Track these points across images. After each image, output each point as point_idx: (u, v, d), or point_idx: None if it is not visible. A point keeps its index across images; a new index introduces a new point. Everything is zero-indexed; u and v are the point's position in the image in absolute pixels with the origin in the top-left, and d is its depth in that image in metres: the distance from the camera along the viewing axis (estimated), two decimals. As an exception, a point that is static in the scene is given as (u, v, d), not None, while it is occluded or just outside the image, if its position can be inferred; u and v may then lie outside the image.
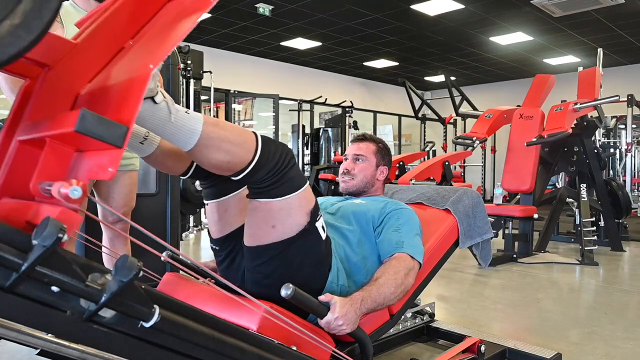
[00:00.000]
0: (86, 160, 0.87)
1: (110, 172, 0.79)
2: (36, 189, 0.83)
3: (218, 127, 1.11)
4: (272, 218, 1.24)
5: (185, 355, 0.90)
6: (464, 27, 7.55)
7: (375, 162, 1.78)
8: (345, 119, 9.12)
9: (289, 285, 1.13)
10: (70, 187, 0.73)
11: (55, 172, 0.86)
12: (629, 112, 7.27)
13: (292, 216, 1.25)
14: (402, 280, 1.41)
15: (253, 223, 1.28)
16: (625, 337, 2.36)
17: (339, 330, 1.24)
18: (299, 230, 1.27)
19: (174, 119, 1.04)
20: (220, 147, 1.10)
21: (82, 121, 0.74)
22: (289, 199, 1.23)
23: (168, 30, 0.98)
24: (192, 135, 1.06)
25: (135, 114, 0.82)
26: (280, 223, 1.25)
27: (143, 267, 0.78)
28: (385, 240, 1.52)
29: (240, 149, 1.13)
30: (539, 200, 4.89)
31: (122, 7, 1.06)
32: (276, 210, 1.23)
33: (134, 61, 0.96)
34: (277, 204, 1.22)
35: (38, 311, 0.74)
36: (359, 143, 1.81)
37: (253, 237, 1.30)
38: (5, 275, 0.70)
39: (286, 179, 1.21)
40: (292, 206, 1.24)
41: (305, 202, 1.27)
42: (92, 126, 0.75)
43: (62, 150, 0.87)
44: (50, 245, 0.68)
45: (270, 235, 1.26)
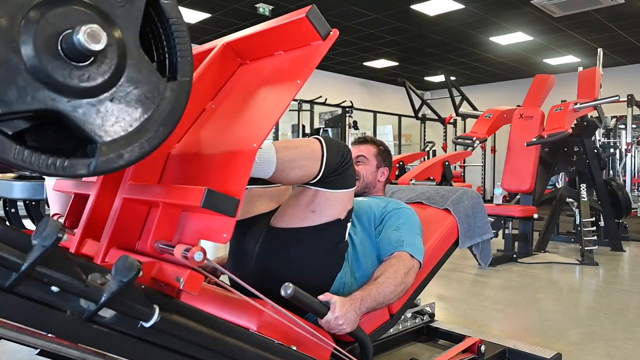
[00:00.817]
0: (194, 221, 0.98)
1: (226, 238, 0.90)
2: (152, 247, 0.96)
3: (288, 149, 1.23)
4: (316, 204, 1.33)
5: (185, 355, 0.90)
6: (464, 27, 7.54)
7: (376, 163, 1.81)
8: (345, 119, 9.11)
9: (289, 285, 1.14)
10: (196, 252, 0.85)
11: (169, 232, 0.98)
12: (629, 112, 7.27)
13: (333, 208, 1.34)
14: (402, 279, 1.41)
15: (294, 205, 1.36)
16: (625, 337, 2.36)
17: (339, 330, 1.24)
18: (332, 220, 1.35)
19: (258, 158, 1.12)
20: (295, 166, 1.23)
21: (207, 198, 0.86)
22: (338, 194, 1.34)
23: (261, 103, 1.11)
24: (270, 165, 1.17)
25: (244, 188, 0.94)
26: (321, 210, 1.33)
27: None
28: (385, 239, 1.52)
29: (310, 162, 1.25)
30: (539, 200, 4.88)
31: (203, 70, 1.19)
32: (323, 199, 1.33)
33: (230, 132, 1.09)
34: (327, 194, 1.32)
35: (38, 311, 0.74)
36: (359, 145, 1.85)
37: (289, 218, 1.36)
38: (5, 276, 0.70)
39: (344, 176, 1.32)
40: (338, 200, 1.34)
41: (348, 200, 1.38)
42: (214, 202, 0.87)
43: (173, 212, 0.99)
44: (50, 245, 0.68)
45: (307, 219, 1.34)
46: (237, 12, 6.99)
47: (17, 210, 3.64)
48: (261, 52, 1.23)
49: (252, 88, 1.17)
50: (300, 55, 1.13)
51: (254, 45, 1.23)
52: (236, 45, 1.25)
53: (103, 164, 0.73)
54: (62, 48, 0.68)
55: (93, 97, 0.72)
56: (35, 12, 0.67)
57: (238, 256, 1.46)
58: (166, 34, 0.82)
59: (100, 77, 0.72)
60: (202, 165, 1.06)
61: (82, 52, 0.68)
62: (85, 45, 0.67)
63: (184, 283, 0.86)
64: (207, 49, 1.30)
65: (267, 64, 1.21)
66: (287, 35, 1.12)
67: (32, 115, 0.69)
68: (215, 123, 1.16)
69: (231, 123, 1.12)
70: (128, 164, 0.75)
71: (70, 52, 0.68)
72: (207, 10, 6.98)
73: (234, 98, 1.20)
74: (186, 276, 0.86)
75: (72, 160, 0.71)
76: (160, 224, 0.97)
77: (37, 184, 2.48)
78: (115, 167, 0.74)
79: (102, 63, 0.72)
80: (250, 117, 1.10)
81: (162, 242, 0.95)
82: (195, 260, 0.84)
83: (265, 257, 1.37)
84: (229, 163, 0.99)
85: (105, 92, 0.73)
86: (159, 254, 0.95)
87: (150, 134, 0.77)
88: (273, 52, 1.21)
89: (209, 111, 1.21)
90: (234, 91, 1.22)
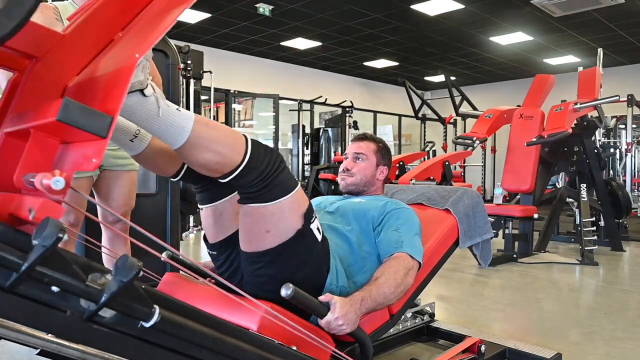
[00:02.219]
0: (71, 151, 0.85)
1: (94, 163, 0.77)
2: (20, 181, 0.82)
3: (209, 127, 1.10)
4: (266, 223, 1.22)
5: (185, 355, 0.90)
6: (464, 27, 7.55)
7: (376, 161, 1.78)
8: (345, 119, 9.13)
9: (289, 285, 1.13)
10: (53, 178, 0.72)
11: (41, 164, 0.84)
12: (629, 112, 7.27)
13: (285, 220, 1.24)
14: (401, 279, 1.40)
15: (247, 229, 1.27)
16: (625, 337, 2.36)
17: (339, 330, 1.24)
18: (293, 234, 1.25)
19: (162, 113, 1.02)
20: (210, 147, 1.09)
21: (64, 110, 0.73)
22: (280, 203, 1.21)
23: (156, 21, 0.97)
24: (182, 133, 1.05)
25: (120, 104, 0.80)
26: (274, 228, 1.23)
27: (143, 267, 0.78)
28: (385, 240, 1.52)
29: (229, 151, 1.12)
30: (539, 200, 4.88)
31: None
32: (269, 215, 1.21)
33: (121, 52, 0.94)
34: (269, 208, 1.20)
35: (38, 311, 0.74)
36: (359, 142, 1.81)
37: (248, 242, 1.28)
38: (5, 276, 0.70)
39: (276, 183, 1.19)
40: (285, 210, 1.22)
41: (297, 204, 1.26)
42: (75, 116, 0.74)
43: (47, 141, 0.85)
44: (50, 245, 0.68)
45: (266, 240, 1.24)
46: (237, 12, 6.99)
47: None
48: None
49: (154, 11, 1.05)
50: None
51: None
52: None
53: None
54: None
55: None
56: None
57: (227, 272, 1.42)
58: None
59: None
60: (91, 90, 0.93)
61: None
62: None
63: (34, 213, 0.74)
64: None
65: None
66: None
67: None
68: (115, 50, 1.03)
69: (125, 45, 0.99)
70: None
71: None
72: (207, 10, 6.98)
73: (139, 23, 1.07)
74: (38, 205, 0.74)
75: None
76: (29, 154, 0.84)
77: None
78: None
79: None
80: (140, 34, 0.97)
81: (31, 175, 0.80)
82: (53, 187, 0.72)
83: (250, 277, 1.34)
84: (110, 80, 0.87)
85: None
86: (27, 189, 0.83)
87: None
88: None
89: (115, 41, 1.07)
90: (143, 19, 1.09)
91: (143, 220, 2.21)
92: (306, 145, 9.29)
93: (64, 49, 0.98)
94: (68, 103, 0.73)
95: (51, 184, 0.72)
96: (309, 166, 9.21)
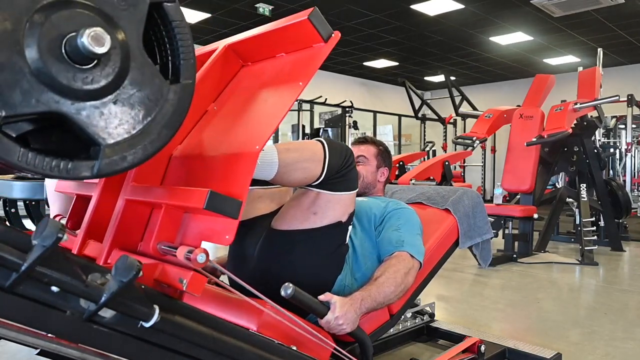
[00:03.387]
0: (196, 223, 0.97)
1: (228, 240, 0.90)
2: (155, 249, 0.95)
3: (289, 151, 1.23)
4: (318, 206, 1.34)
5: (185, 355, 0.90)
6: (464, 27, 7.54)
7: (376, 164, 1.81)
8: (345, 119, 9.11)
9: (289, 285, 1.14)
10: (199, 254, 0.85)
11: (171, 234, 0.98)
12: (629, 112, 7.27)
13: (335, 210, 1.35)
14: (402, 279, 1.41)
15: (296, 206, 1.37)
16: (625, 337, 2.36)
17: (339, 330, 1.24)
18: (333, 222, 1.36)
19: (260, 161, 1.13)
20: (297, 168, 1.24)
21: (210, 200, 0.86)
22: (340, 196, 1.34)
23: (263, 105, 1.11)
24: (272, 167, 1.18)
25: (247, 190, 0.93)
26: (322, 212, 1.34)
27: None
28: (386, 239, 1.52)
29: (312, 164, 1.25)
30: (539, 200, 4.88)
31: (205, 72, 1.19)
32: (324, 201, 1.33)
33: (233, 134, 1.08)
34: (329, 196, 1.33)
35: (38, 311, 0.74)
36: (360, 145, 1.84)
37: (290, 219, 1.36)
38: (5, 276, 0.70)
39: (346, 179, 1.33)
40: (340, 203, 1.35)
41: (350, 203, 1.39)
42: (216, 204, 0.87)
43: (176, 214, 0.98)
44: (50, 245, 0.68)
45: (308, 220, 1.34)
46: (237, 12, 6.99)
47: (17, 210, 3.65)
48: (263, 54, 1.24)
49: (253, 90, 1.17)
50: (301, 57, 1.13)
51: (256, 47, 1.23)
52: (238, 47, 1.26)
53: (106, 166, 0.73)
54: (66, 51, 0.68)
55: (96, 100, 0.72)
56: (39, 15, 0.67)
57: (238, 257, 1.46)
58: (169, 37, 0.82)
59: (103, 79, 0.72)
60: (204, 167, 1.06)
61: (86, 55, 0.68)
62: (89, 48, 0.67)
63: (187, 285, 0.86)
64: (209, 50, 1.30)
65: (269, 66, 1.21)
66: (289, 37, 1.13)
67: (36, 117, 0.70)
68: (217, 125, 1.16)
69: (233, 125, 1.11)
70: (131, 166, 0.75)
71: (74, 55, 0.69)
72: (207, 10, 6.98)
73: (236, 100, 1.20)
74: (189, 278, 0.86)
75: (76, 162, 0.72)
76: (162, 226, 0.97)
77: (37, 184, 2.49)
78: (118, 170, 0.74)
79: (106, 66, 0.72)
80: (252, 119, 1.10)
81: (165, 244, 0.95)
82: (198, 261, 0.85)
83: (265, 259, 1.37)
84: (231, 165, 0.99)
85: (109, 95, 0.73)
86: (161, 255, 0.95)
87: (153, 137, 0.77)
88: (275, 54, 1.21)
89: (211, 113, 1.21)
90: (236, 93, 1.22)
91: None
92: (306, 145, 9.27)
93: None
94: (212, 195, 0.87)
95: (197, 259, 0.85)
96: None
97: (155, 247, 0.96)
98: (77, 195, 1.26)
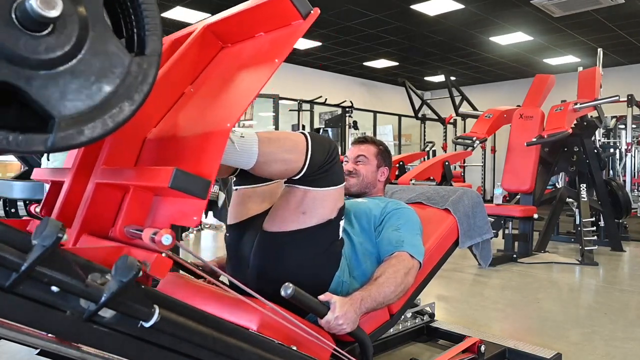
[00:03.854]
0: (165, 205, 0.94)
1: (196, 221, 0.86)
2: (122, 233, 0.91)
3: (270, 141, 1.20)
4: (306, 205, 1.31)
5: (186, 356, 0.90)
6: (464, 27, 7.54)
7: (377, 163, 1.81)
8: (345, 119, 9.11)
9: (289, 285, 1.14)
10: (164, 235, 0.81)
11: (140, 217, 0.94)
12: (629, 112, 7.27)
13: (323, 207, 1.33)
14: (401, 279, 1.41)
15: (284, 207, 1.34)
16: (625, 337, 2.36)
17: (339, 330, 1.24)
18: (324, 221, 1.33)
19: (239, 146, 1.11)
20: (277, 158, 1.20)
21: (175, 179, 0.82)
22: (327, 191, 1.32)
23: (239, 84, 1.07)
24: (252, 156, 1.14)
25: (216, 169, 0.89)
26: (311, 211, 1.32)
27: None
28: (385, 239, 1.52)
29: (293, 155, 1.22)
30: (539, 200, 4.88)
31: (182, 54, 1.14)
32: (311, 199, 1.31)
33: (206, 114, 1.03)
34: (315, 193, 1.31)
35: (38, 311, 0.74)
36: (360, 145, 1.84)
37: (280, 222, 1.34)
38: (5, 276, 0.70)
39: (331, 173, 1.31)
40: (327, 199, 1.32)
41: (338, 198, 1.36)
42: (183, 183, 0.83)
43: (145, 196, 0.94)
44: (50, 245, 0.68)
45: (298, 221, 1.32)
46: (237, 12, 6.99)
47: (17, 210, 3.64)
48: (242, 34, 1.19)
49: (232, 71, 1.13)
50: (280, 35, 1.10)
51: (235, 28, 1.19)
52: (217, 28, 1.21)
53: (62, 140, 0.68)
54: (17, 16, 0.64)
55: (51, 69, 0.67)
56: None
57: (235, 258, 1.46)
58: (134, 8, 0.77)
59: (59, 48, 0.67)
60: (177, 148, 1.01)
61: (37, 20, 0.64)
62: (38, 12, 0.62)
63: (150, 267, 0.82)
64: (187, 32, 1.25)
65: (248, 46, 1.18)
66: (267, 14, 1.09)
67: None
68: (193, 106, 1.12)
69: (208, 106, 1.07)
70: (90, 140, 0.70)
71: (24, 21, 0.64)
72: (207, 10, 6.97)
73: (213, 81, 1.16)
74: (153, 260, 0.82)
75: (29, 135, 0.67)
76: (130, 208, 0.93)
77: (37, 184, 2.48)
78: (75, 144, 0.69)
79: (62, 33, 0.67)
80: (226, 99, 1.06)
81: (133, 227, 0.91)
82: (163, 243, 0.81)
83: (260, 261, 1.37)
84: (201, 144, 0.95)
85: (65, 65, 0.68)
86: (129, 239, 0.92)
87: (114, 110, 0.72)
88: (254, 34, 1.17)
89: (188, 95, 1.16)
90: (214, 74, 1.18)
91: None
92: (306, 145, 9.26)
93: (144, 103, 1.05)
94: (178, 173, 0.82)
95: (162, 240, 0.81)
96: (309, 166, 9.18)
97: (123, 231, 0.92)
98: (52, 181, 1.22)
